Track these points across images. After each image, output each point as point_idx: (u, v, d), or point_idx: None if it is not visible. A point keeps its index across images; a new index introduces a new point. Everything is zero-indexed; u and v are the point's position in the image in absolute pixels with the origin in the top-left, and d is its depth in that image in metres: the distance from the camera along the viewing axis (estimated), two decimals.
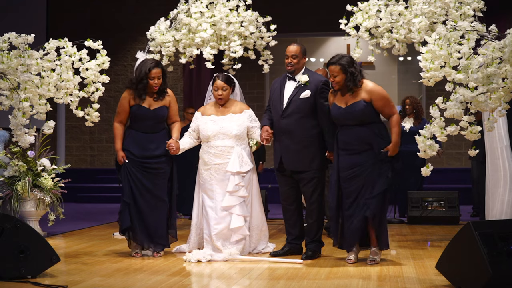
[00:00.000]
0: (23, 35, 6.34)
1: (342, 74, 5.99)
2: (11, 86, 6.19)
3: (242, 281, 5.33)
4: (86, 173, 14.67)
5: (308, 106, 6.27)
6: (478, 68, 5.48)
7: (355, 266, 5.92)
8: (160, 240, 6.52)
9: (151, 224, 6.48)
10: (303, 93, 6.28)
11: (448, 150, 14.29)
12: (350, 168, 6.01)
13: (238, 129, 6.49)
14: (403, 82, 16.16)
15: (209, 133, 6.50)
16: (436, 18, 7.10)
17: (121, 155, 6.47)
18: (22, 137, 6.39)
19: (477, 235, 4.63)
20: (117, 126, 6.56)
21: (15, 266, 5.24)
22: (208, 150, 6.51)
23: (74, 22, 14.54)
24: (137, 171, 6.46)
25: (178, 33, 8.04)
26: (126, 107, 6.51)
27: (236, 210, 6.39)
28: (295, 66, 6.33)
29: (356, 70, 6.01)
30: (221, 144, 6.47)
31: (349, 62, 6.03)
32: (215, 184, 6.46)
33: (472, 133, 5.91)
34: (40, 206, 7.67)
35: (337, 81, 6.02)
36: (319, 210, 6.37)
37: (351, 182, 6.00)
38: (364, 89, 6.03)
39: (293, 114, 6.27)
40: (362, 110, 5.97)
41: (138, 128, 6.53)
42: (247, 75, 14.15)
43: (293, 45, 6.39)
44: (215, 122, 6.52)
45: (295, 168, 6.32)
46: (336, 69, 6.01)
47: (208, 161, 6.50)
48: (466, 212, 10.24)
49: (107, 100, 14.30)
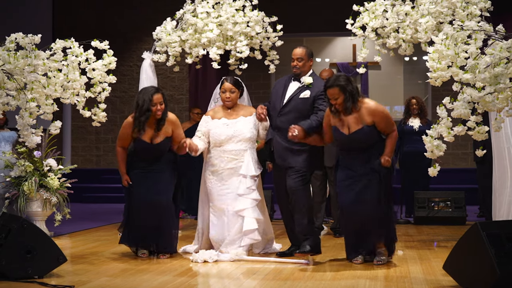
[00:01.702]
0: (30, 35, 6.34)
1: (342, 95, 5.84)
2: (18, 86, 6.20)
3: (249, 281, 5.32)
4: (92, 173, 14.68)
5: (306, 108, 6.21)
6: (485, 68, 5.46)
7: (361, 266, 5.90)
8: (166, 247, 6.42)
9: (156, 230, 6.39)
10: (303, 93, 6.25)
11: (454, 150, 14.26)
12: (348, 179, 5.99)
13: (251, 132, 6.44)
14: (409, 82, 16.14)
15: (223, 137, 6.40)
16: (442, 18, 7.08)
17: (126, 179, 6.43)
18: (29, 137, 6.39)
19: (485, 236, 4.61)
20: (119, 151, 6.51)
21: (22, 266, 5.24)
22: (221, 154, 6.41)
23: (79, 23, 14.58)
24: (142, 186, 6.39)
25: (184, 33, 8.04)
26: (129, 135, 6.44)
27: (249, 213, 6.32)
28: (301, 68, 6.30)
29: (354, 89, 5.89)
30: (235, 148, 6.40)
31: (346, 81, 5.88)
32: (225, 189, 6.38)
33: (480, 133, 5.89)
34: (47, 206, 7.68)
35: (339, 103, 5.87)
36: (307, 208, 6.16)
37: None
38: (366, 111, 5.90)
39: (290, 113, 6.22)
40: (367, 135, 5.90)
41: (140, 157, 6.47)
42: (252, 75, 14.14)
43: (299, 47, 6.36)
44: (228, 126, 6.43)
45: (286, 165, 6.22)
46: (335, 92, 5.84)
47: (220, 167, 6.41)
48: (473, 212, 10.22)
49: (113, 101, 14.32)
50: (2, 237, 5.29)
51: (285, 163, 6.24)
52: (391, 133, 5.96)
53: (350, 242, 6.07)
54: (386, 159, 5.89)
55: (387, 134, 5.98)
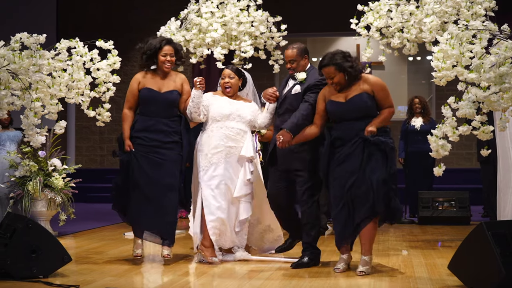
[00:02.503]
0: (35, 35, 6.35)
1: (338, 73, 5.55)
2: (22, 86, 6.20)
3: (254, 281, 5.31)
4: (96, 173, 14.69)
5: (299, 103, 5.90)
6: (490, 67, 5.46)
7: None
8: (166, 235, 6.03)
9: (157, 214, 6.00)
10: (293, 88, 6.00)
11: (458, 150, 14.25)
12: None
13: (252, 115, 6.24)
14: (412, 82, 16.13)
15: (226, 111, 6.15)
16: (447, 18, 7.07)
17: (128, 144, 6.06)
18: (33, 137, 6.39)
19: (490, 235, 4.61)
20: (126, 113, 6.18)
21: (27, 266, 5.25)
22: (221, 130, 6.11)
23: (83, 23, 14.58)
24: (144, 161, 6.01)
25: (188, 33, 8.05)
26: (135, 90, 6.18)
27: (248, 199, 6.15)
28: (295, 70, 6.07)
29: (353, 62, 5.59)
30: (236, 126, 6.16)
31: (342, 58, 5.57)
32: (224, 169, 6.08)
33: (485, 133, 5.89)
34: (51, 206, 7.70)
35: (335, 81, 5.58)
36: (312, 211, 5.93)
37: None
38: (365, 81, 5.63)
39: (286, 112, 5.96)
40: (366, 102, 5.57)
41: (148, 113, 6.13)
42: (256, 75, 14.00)
43: (289, 49, 6.12)
44: (230, 104, 6.22)
45: (288, 168, 5.95)
46: (331, 71, 5.56)
47: (219, 144, 6.10)
48: (477, 212, 10.22)
49: (117, 101, 14.26)
50: (7, 236, 5.30)
51: (290, 167, 5.93)
52: (388, 108, 5.61)
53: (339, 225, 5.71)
54: (369, 130, 5.45)
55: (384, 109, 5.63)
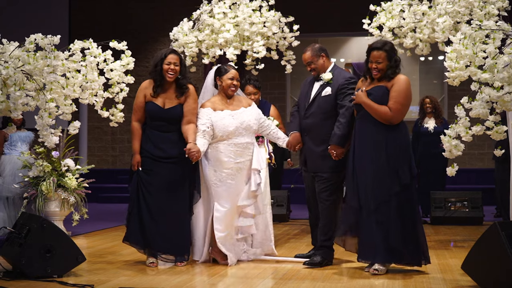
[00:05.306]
0: (49, 36, 6.38)
1: (386, 61, 5.55)
2: (37, 87, 6.24)
3: (266, 281, 5.33)
4: (108, 173, 14.74)
5: (330, 106, 5.97)
6: (503, 67, 5.45)
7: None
8: (178, 251, 5.97)
9: (168, 232, 5.95)
10: (324, 90, 6.03)
11: (470, 150, 14.21)
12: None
13: (256, 124, 6.21)
14: (424, 82, 16.09)
15: (231, 128, 6.03)
16: (460, 18, 7.06)
17: (137, 160, 5.97)
18: (48, 137, 6.43)
19: (504, 236, 4.60)
20: (134, 126, 6.06)
21: (42, 265, 5.30)
22: (229, 148, 6.03)
23: (95, 24, 14.65)
24: (152, 177, 5.95)
25: (201, 33, 8.07)
26: (142, 102, 6.05)
27: (250, 209, 6.13)
28: (316, 70, 6.10)
29: (398, 60, 5.64)
30: (243, 140, 6.09)
31: (392, 49, 5.63)
32: (234, 185, 6.05)
33: (498, 133, 5.87)
34: (65, 206, 7.73)
35: (380, 68, 5.57)
36: (330, 212, 5.95)
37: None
38: (394, 79, 5.61)
39: (315, 114, 6.01)
40: (381, 96, 5.57)
41: (153, 126, 6.03)
42: (268, 76, 14.14)
43: (305, 52, 6.14)
44: (233, 117, 6.09)
45: (315, 170, 6.04)
46: (382, 55, 5.56)
47: (229, 161, 6.03)
48: (490, 212, 10.18)
49: (129, 101, 14.27)
50: (22, 236, 5.34)
51: (317, 169, 6.00)
52: (388, 107, 5.53)
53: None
54: (358, 93, 5.58)
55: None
